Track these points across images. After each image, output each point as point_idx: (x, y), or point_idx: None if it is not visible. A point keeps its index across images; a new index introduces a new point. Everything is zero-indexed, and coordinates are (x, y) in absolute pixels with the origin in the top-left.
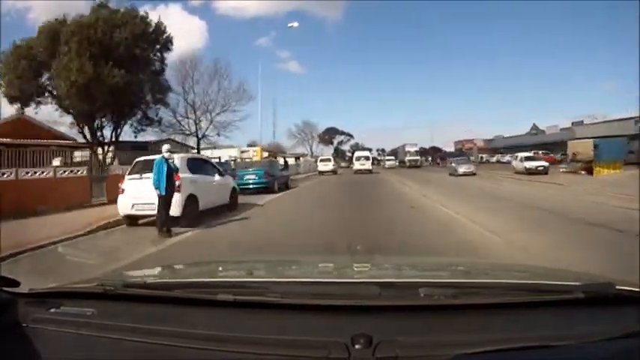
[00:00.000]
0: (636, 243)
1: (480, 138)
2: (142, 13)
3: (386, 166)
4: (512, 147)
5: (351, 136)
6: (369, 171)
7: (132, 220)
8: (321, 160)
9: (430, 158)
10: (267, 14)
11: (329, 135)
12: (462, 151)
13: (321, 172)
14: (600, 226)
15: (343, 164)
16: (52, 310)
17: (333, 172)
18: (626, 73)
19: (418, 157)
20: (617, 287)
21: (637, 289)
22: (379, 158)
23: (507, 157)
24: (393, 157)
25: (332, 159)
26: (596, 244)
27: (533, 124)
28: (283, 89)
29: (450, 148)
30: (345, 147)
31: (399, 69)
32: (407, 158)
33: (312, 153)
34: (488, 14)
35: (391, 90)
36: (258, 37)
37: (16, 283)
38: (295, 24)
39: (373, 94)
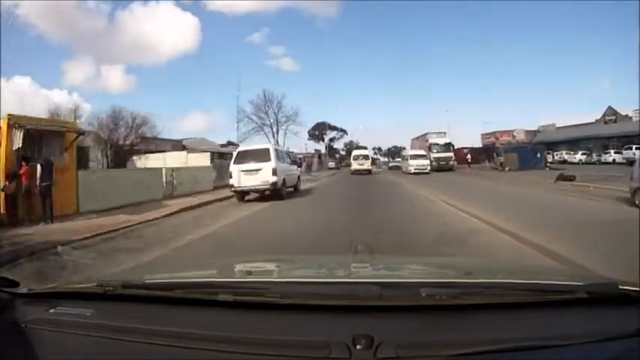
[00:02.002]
0: None
1: (520, 129)
2: None
3: (411, 170)
4: (575, 140)
5: (344, 131)
6: (369, 172)
7: None
8: (240, 158)
9: (468, 157)
10: (260, 10)
11: (319, 130)
12: (494, 146)
13: (244, 195)
14: None
15: (331, 164)
16: (51, 310)
17: (276, 191)
18: None
19: (450, 154)
20: (621, 287)
21: None
22: (376, 157)
23: (579, 155)
24: (422, 153)
25: (273, 157)
26: None
27: (609, 108)
28: (276, 86)
29: (462, 143)
30: (339, 145)
31: (396, 63)
32: (433, 155)
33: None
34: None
35: (388, 86)
36: (250, 33)
37: (15, 284)
38: None
39: (369, 91)
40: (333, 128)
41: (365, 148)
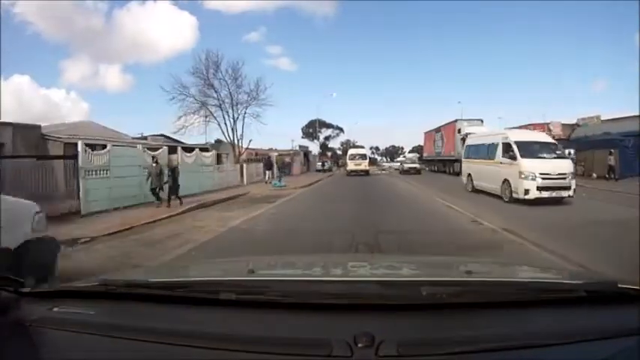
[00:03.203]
0: None
1: (557, 121)
2: None
3: (527, 191)
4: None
5: (340, 129)
6: (366, 172)
7: None
8: None
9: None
10: (257, 9)
11: (313, 128)
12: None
13: None
14: None
15: (318, 166)
16: (55, 309)
17: None
18: None
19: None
20: (620, 286)
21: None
22: (373, 157)
23: None
24: (549, 140)
25: None
26: None
27: None
28: (274, 85)
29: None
30: (335, 144)
31: (395, 61)
32: None
33: (235, 141)
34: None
35: (387, 84)
36: (248, 32)
37: (19, 283)
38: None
39: (367, 89)
40: (329, 126)
41: (362, 147)
